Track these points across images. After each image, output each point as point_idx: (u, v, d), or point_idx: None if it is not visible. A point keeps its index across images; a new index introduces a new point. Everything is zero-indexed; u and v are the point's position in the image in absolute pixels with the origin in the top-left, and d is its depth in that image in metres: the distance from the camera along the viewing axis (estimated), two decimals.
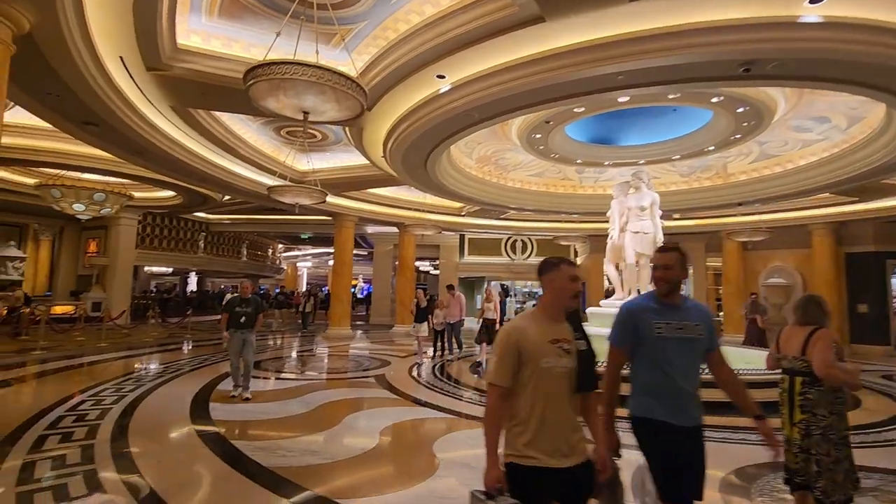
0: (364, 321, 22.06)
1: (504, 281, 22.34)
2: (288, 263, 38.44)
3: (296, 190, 9.54)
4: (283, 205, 13.02)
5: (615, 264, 9.69)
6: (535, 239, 21.19)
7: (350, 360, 10.55)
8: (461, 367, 9.51)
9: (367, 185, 13.01)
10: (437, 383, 7.87)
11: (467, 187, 12.12)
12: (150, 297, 21.73)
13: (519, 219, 17.31)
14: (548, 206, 13.75)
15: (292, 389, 7.09)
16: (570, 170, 12.74)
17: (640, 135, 10.77)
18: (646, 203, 8.94)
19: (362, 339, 14.82)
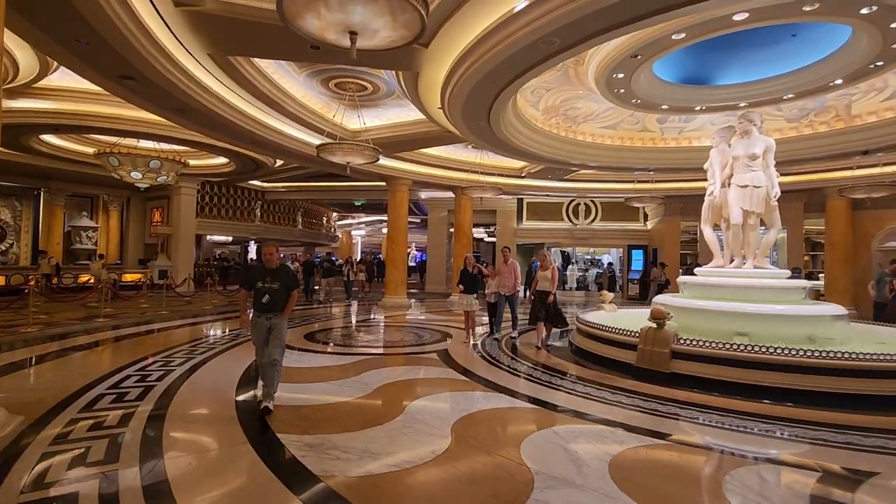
0: (418, 289, 21.54)
1: (565, 248, 20.98)
2: (342, 231, 38.63)
3: (346, 148, 8.75)
4: (335, 167, 12.39)
5: (713, 225, 8.25)
6: (599, 202, 19.57)
7: (407, 331, 9.88)
8: (530, 344, 8.57)
9: (422, 144, 12.03)
10: (508, 362, 6.98)
11: (533, 142, 10.85)
12: (211, 265, 22.20)
13: (584, 179, 15.83)
14: (623, 162, 12.23)
15: (347, 367, 6.44)
16: (651, 119, 11.14)
17: (742, 71, 9.02)
18: (758, 150, 7.39)
19: (419, 309, 14.20)
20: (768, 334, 6.68)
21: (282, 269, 4.74)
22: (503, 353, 7.60)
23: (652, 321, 6.41)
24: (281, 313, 4.67)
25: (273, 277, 4.64)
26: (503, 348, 7.90)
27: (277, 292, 4.61)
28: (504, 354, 7.47)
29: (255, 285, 4.63)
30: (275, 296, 4.60)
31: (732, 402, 5.08)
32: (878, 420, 4.55)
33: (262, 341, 4.63)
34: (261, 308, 4.61)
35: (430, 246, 22.12)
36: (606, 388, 5.59)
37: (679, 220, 16.95)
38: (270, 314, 4.62)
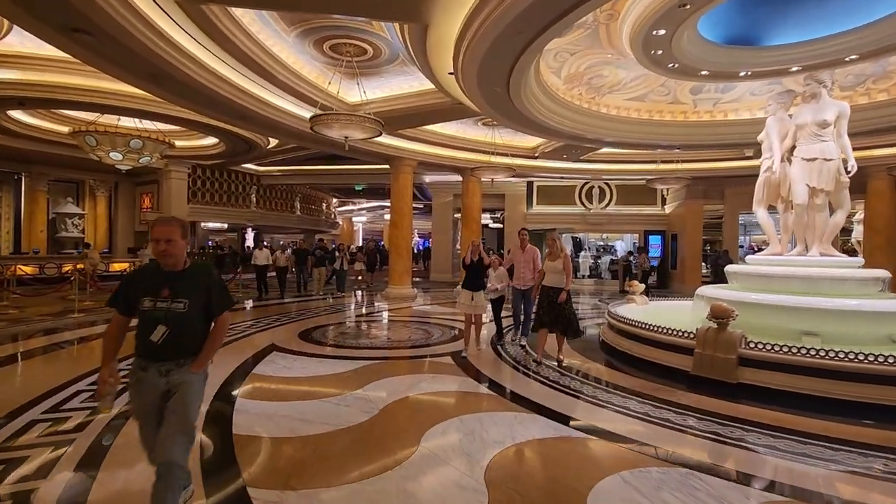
0: (422, 278, 20.53)
1: (577, 233, 19.89)
2: (343, 218, 37.54)
3: (344, 120, 7.64)
4: (333, 145, 11.25)
5: (768, 206, 7.16)
6: (614, 184, 18.42)
7: (414, 327, 8.86)
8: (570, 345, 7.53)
9: (429, 119, 10.87)
10: (535, 367, 5.96)
11: (554, 115, 9.71)
12: (205, 253, 21.17)
13: (602, 160, 14.69)
14: (650, 138, 11.08)
15: (348, 376, 5.42)
16: (684, 89, 9.98)
17: (798, 29, 7.84)
18: (829, 116, 6.26)
19: (425, 300, 13.17)
20: (842, 334, 5.64)
21: (195, 273, 2.48)
22: (528, 355, 6.56)
23: (712, 320, 5.37)
24: (192, 362, 2.42)
25: (176, 287, 2.38)
26: (530, 349, 6.83)
27: (184, 318, 2.36)
28: (529, 358, 6.43)
29: (139, 304, 2.38)
30: (178, 325, 2.35)
31: (845, 429, 4.04)
32: None
33: (150, 419, 2.37)
34: (148, 352, 2.36)
35: (434, 232, 21.04)
36: (663, 404, 4.56)
37: (702, 204, 15.83)
38: (169, 364, 2.37)
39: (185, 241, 2.44)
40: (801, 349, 4.78)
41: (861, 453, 3.50)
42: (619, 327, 6.77)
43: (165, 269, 2.42)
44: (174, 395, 2.35)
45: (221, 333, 2.57)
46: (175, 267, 2.42)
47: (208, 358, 2.49)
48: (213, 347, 2.50)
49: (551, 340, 6.22)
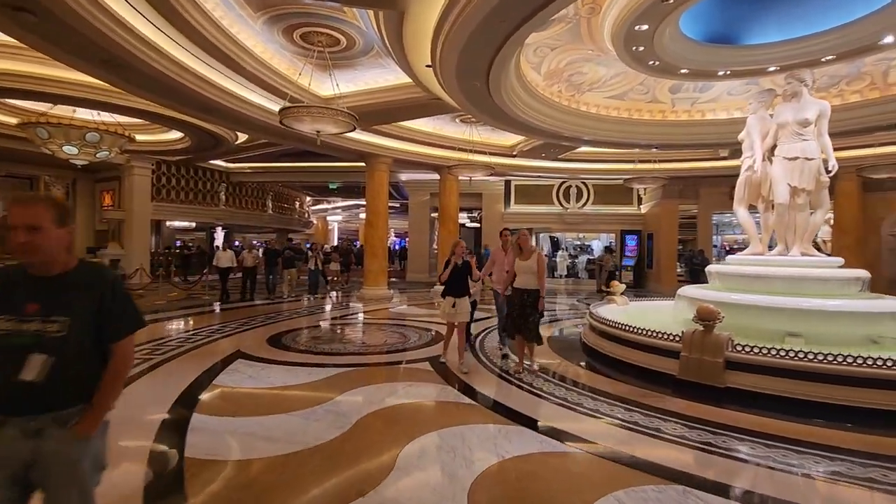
0: (398, 278, 20.16)
1: (554, 233, 19.85)
2: (317, 217, 36.78)
3: (315, 112, 7.24)
4: (303, 140, 10.75)
5: (748, 206, 7.10)
6: (591, 184, 18.43)
7: (390, 330, 8.52)
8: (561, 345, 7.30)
9: (405, 115, 10.55)
10: (520, 375, 5.70)
11: (534, 112, 9.51)
12: (172, 253, 20.30)
13: (580, 159, 14.61)
14: (629, 137, 11.01)
15: (318, 385, 5.06)
16: (663, 88, 9.92)
17: (778, 28, 7.83)
18: (810, 114, 6.23)
19: (402, 301, 12.83)
20: (824, 335, 5.60)
21: (82, 277, 1.73)
22: (510, 362, 6.31)
23: (698, 322, 5.22)
24: (78, 420, 1.65)
25: (49, 299, 1.65)
26: (511, 357, 6.55)
27: (63, 346, 1.61)
28: (511, 364, 6.18)
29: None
30: (54, 357, 1.59)
31: (836, 435, 3.91)
32: None
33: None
34: (5, 401, 1.60)
35: (411, 232, 20.70)
36: (652, 412, 4.37)
37: (677, 203, 15.94)
38: (42, 419, 1.61)
39: (65, 231, 1.68)
40: (788, 352, 4.66)
41: (859, 462, 3.36)
42: (603, 329, 6.59)
43: (33, 272, 1.66)
44: (49, 481, 1.56)
45: (122, 370, 1.76)
46: (48, 270, 1.66)
47: (104, 411, 1.69)
48: (110, 394, 1.71)
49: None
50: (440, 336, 7.83)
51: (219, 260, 12.35)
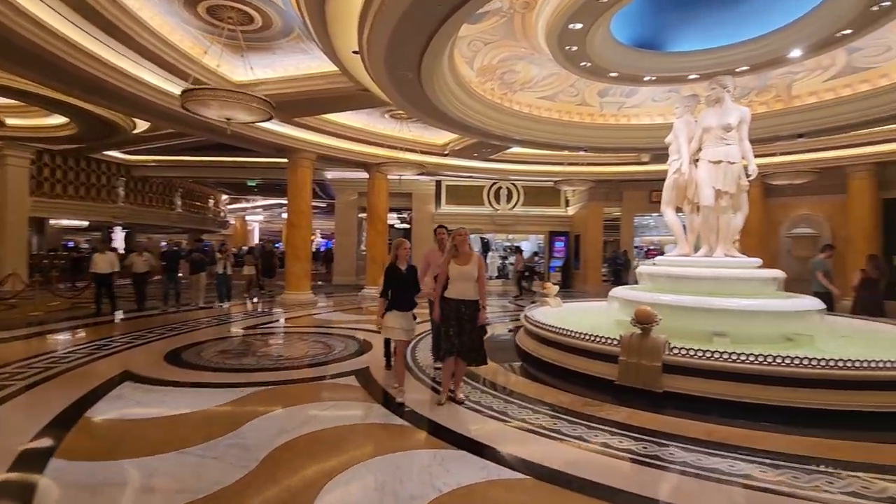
0: (325, 282, 19.15)
1: (485, 234, 19.82)
2: (235, 217, 34.38)
3: (224, 96, 6.40)
4: (213, 131, 9.61)
5: (676, 207, 7.23)
6: (521, 185, 18.60)
7: (313, 340, 7.78)
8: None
9: (330, 107, 9.82)
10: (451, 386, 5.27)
11: (468, 109, 9.19)
12: (58, 256, 17.81)
13: (512, 160, 14.59)
14: (560, 139, 11.04)
15: (220, 414, 4.29)
16: (592, 92, 10.02)
17: (700, 37, 8.09)
18: (732, 120, 6.42)
19: (327, 306, 12.01)
20: (747, 333, 5.75)
21: None
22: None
23: (636, 325, 5.09)
24: None
25: None
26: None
27: None
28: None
29: None
30: None
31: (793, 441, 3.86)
32: None
33: None
34: None
35: (338, 233, 19.75)
36: (595, 423, 4.12)
37: (602, 206, 16.48)
38: None
39: None
40: (723, 353, 4.64)
41: (802, 468, 3.28)
42: (539, 334, 6.36)
43: None
44: None
45: None
46: None
47: None
48: None
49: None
50: (368, 344, 7.26)
51: (95, 264, 10.04)
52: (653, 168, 14.38)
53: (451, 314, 4.55)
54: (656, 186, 15.62)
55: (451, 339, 4.52)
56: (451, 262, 4.61)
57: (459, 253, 4.64)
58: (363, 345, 7.29)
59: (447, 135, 12.81)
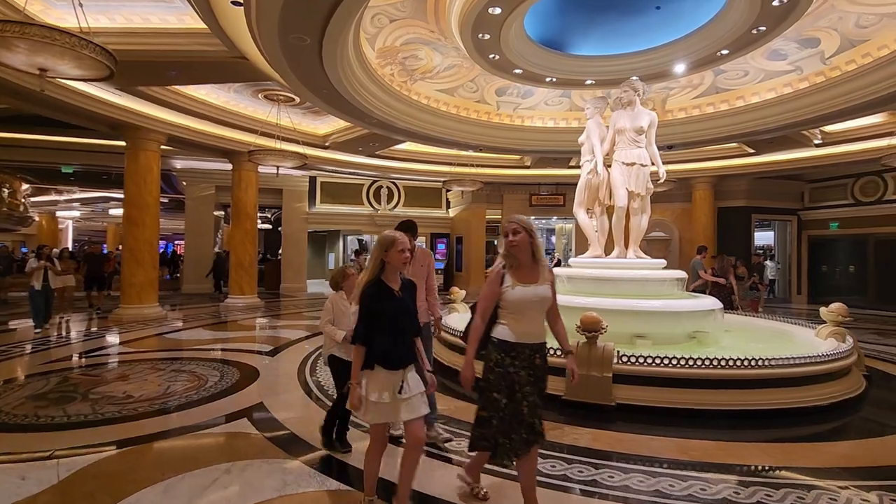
0: (170, 290, 16.14)
1: (363, 235, 18.71)
2: (41, 213, 27.62)
3: (39, 37, 4.53)
4: (15, 93, 7.02)
5: (588, 209, 7.17)
6: (402, 185, 17.91)
7: (174, 369, 6.03)
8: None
9: (193, 75, 7.94)
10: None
11: (368, 94, 8.17)
12: None
13: (398, 157, 13.82)
14: (460, 136, 10.61)
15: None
16: (491, 89, 9.78)
17: (600, 42, 8.27)
18: (644, 123, 6.51)
19: (182, 322, 9.83)
20: (666, 334, 5.82)
21: None
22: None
23: (581, 333, 4.70)
24: None
25: None
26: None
27: None
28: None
29: None
30: None
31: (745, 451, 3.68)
32: None
33: None
34: None
35: (188, 234, 16.79)
36: (554, 451, 3.56)
37: (485, 208, 16.58)
38: None
39: None
40: (672, 359, 4.46)
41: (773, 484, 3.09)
42: (462, 346, 5.66)
43: None
44: None
45: None
46: None
47: None
48: None
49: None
50: (250, 370, 5.83)
51: None
52: (533, 172, 14.86)
53: (508, 374, 2.53)
54: (535, 190, 16.36)
55: (503, 419, 2.52)
56: (510, 279, 2.59)
57: (520, 263, 2.61)
58: (244, 371, 5.84)
59: (330, 124, 11.56)
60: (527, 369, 2.54)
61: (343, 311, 3.55)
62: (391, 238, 2.63)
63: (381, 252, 2.62)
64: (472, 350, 2.63)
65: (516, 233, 2.58)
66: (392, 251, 2.60)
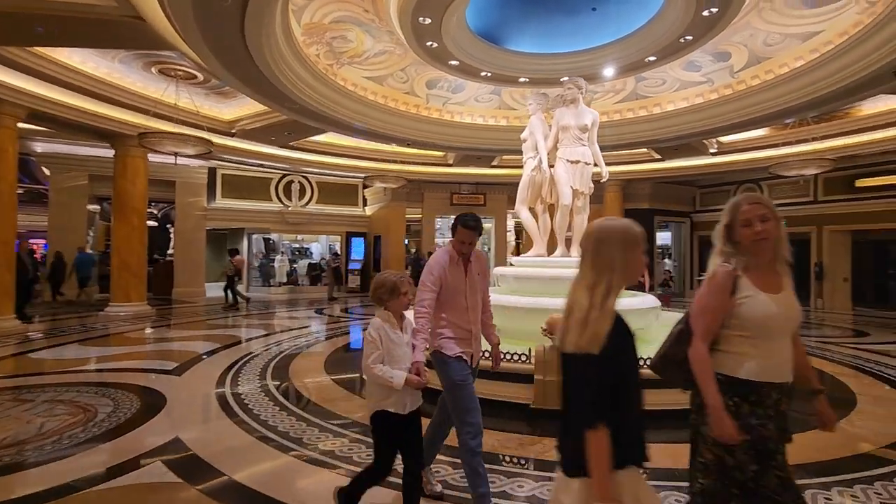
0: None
1: (270, 234, 17.20)
2: None
3: None
4: None
5: (531, 207, 7.01)
6: (315, 181, 16.77)
7: (48, 398, 4.77)
8: None
9: (66, 35, 6.43)
10: (343, 448, 3.66)
11: (293, 76, 7.30)
12: None
13: (315, 149, 12.83)
14: (390, 129, 10.00)
15: None
16: (421, 81, 9.35)
17: (536, 39, 8.21)
18: (588, 121, 6.48)
19: (49, 337, 8.07)
20: None
21: None
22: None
23: (548, 336, 4.42)
24: None
25: None
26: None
27: None
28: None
29: None
30: None
31: None
32: None
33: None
34: None
35: (52, 230, 14.12)
36: (541, 471, 3.25)
37: (405, 206, 16.04)
38: None
39: None
40: (648, 358, 4.35)
41: None
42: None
43: None
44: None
45: None
46: None
47: None
48: None
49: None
50: (150, 393, 4.80)
51: None
52: (455, 171, 14.67)
53: (753, 430, 1.70)
54: (456, 189, 16.19)
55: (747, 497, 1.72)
56: (747, 284, 1.76)
57: (759, 263, 1.79)
58: (145, 396, 4.79)
59: (238, 108, 10.34)
60: (774, 420, 1.71)
61: (396, 343, 2.42)
62: (639, 233, 1.62)
63: (623, 253, 1.56)
64: (714, 389, 1.70)
65: (765, 220, 1.72)
66: (636, 251, 1.59)
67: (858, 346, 7.96)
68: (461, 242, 2.73)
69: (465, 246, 2.73)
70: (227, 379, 5.47)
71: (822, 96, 7.44)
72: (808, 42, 7.03)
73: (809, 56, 7.15)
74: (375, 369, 2.35)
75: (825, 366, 6.42)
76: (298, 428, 3.99)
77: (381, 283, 2.48)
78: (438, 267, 2.71)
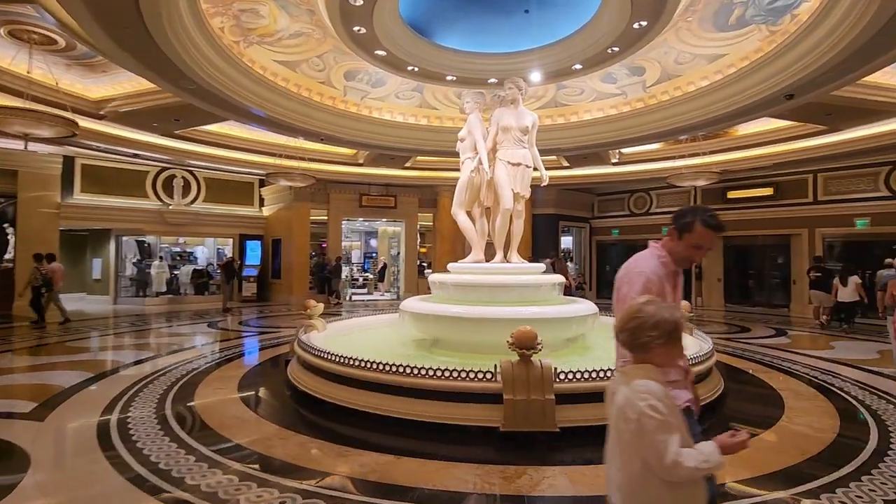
0: None
1: (145, 236, 14.81)
2: None
3: None
4: None
5: (469, 210, 6.66)
6: (203, 177, 14.86)
7: None
8: None
9: None
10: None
11: (194, 51, 6.12)
12: None
13: (207, 140, 11.25)
14: (303, 121, 9.02)
15: None
16: (339, 71, 8.60)
17: (467, 36, 7.93)
18: (528, 122, 6.31)
19: None
20: (552, 340, 5.68)
21: None
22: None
23: (516, 350, 4.08)
24: None
25: None
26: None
27: None
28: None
29: None
30: None
31: None
32: None
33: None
34: None
35: None
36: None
37: (309, 207, 14.84)
38: None
39: None
40: (601, 370, 4.19)
41: None
42: (353, 375, 4.50)
43: None
44: None
45: None
46: None
47: None
48: None
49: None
50: (2, 446, 3.56)
51: None
52: (364, 171, 13.92)
53: None
54: (366, 190, 15.37)
55: None
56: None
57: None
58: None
59: (111, 85, 8.64)
60: None
61: (674, 410, 1.48)
62: None
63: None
64: None
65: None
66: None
67: (749, 341, 8.84)
68: (696, 248, 1.95)
69: (701, 252, 1.99)
70: (112, 420, 4.29)
71: (721, 115, 8.16)
72: (713, 63, 7.63)
73: (714, 77, 7.78)
74: (687, 461, 1.39)
75: (739, 363, 6.91)
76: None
77: (652, 320, 1.49)
78: (653, 281, 1.90)
